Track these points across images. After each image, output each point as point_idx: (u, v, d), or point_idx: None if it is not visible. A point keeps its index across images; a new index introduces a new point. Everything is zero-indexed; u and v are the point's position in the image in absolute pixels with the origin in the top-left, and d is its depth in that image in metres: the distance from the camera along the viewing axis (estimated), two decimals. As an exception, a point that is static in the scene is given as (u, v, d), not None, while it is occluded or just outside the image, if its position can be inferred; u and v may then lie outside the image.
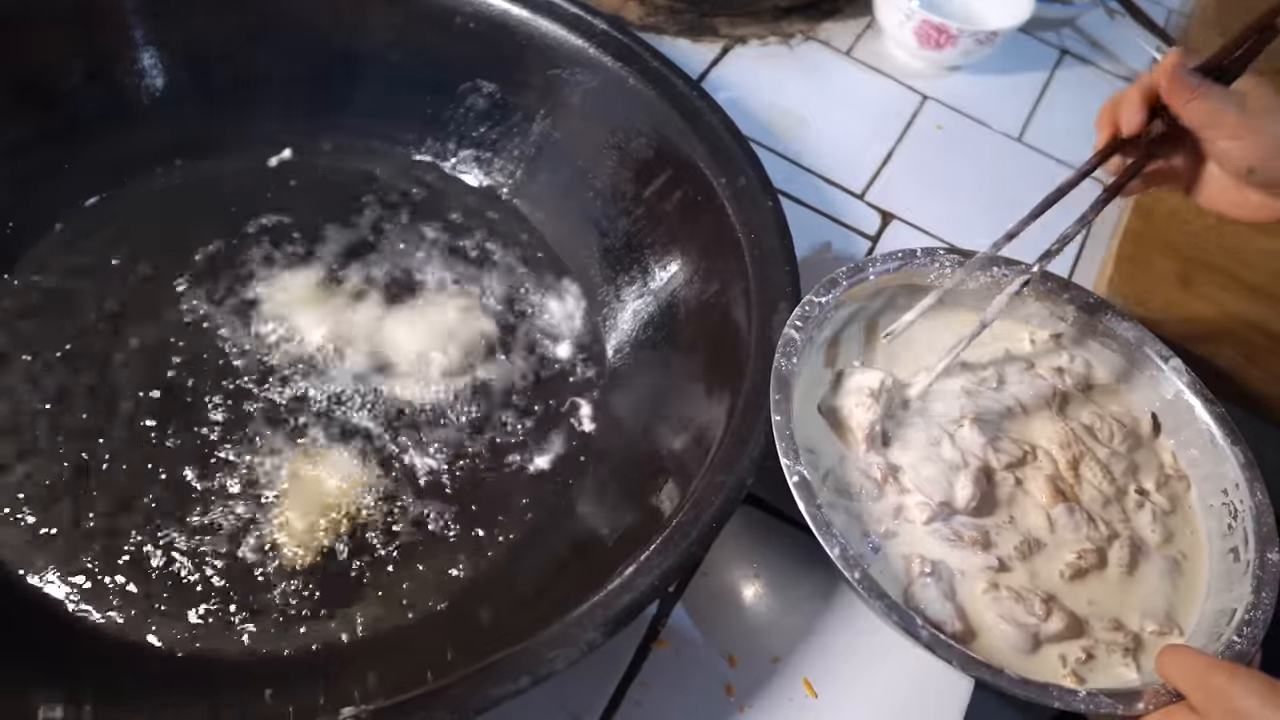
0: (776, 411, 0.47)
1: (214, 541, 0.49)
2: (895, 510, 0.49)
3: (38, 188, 0.59)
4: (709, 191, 0.57)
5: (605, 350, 0.61)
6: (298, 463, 0.52)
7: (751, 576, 0.53)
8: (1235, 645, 0.45)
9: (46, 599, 0.46)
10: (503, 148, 0.67)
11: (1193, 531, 0.52)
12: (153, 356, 0.55)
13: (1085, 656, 0.46)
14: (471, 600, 0.49)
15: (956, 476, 0.50)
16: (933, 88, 0.84)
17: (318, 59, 0.65)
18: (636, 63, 0.62)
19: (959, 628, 0.45)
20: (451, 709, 0.36)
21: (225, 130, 0.64)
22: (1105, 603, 0.48)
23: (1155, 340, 0.56)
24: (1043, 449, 0.53)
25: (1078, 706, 0.42)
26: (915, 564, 0.47)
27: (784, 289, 0.52)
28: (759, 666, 0.50)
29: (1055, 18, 0.95)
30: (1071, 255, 0.75)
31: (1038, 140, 0.83)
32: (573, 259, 0.64)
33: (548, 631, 0.39)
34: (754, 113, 0.76)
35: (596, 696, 0.47)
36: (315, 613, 0.48)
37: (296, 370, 0.56)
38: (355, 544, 0.50)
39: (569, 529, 0.52)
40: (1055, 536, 0.50)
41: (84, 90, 0.60)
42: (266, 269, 0.60)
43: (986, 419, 0.53)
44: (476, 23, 0.64)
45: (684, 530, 0.43)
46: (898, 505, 0.49)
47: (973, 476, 0.50)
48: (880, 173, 0.76)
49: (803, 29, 0.86)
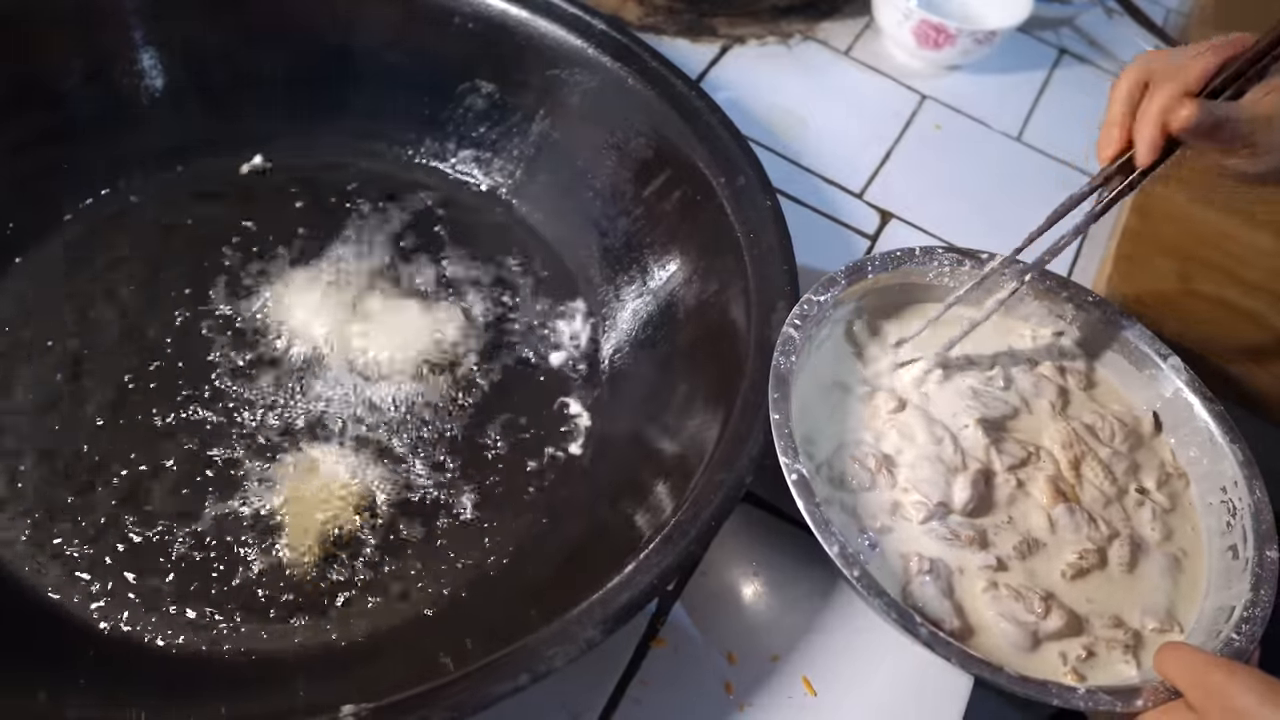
0: (775, 410, 0.47)
1: (213, 542, 0.49)
2: (892, 506, 0.49)
3: (37, 188, 0.59)
4: (708, 191, 0.57)
5: (604, 349, 0.61)
6: (296, 463, 0.52)
7: (750, 575, 0.53)
8: (1234, 642, 0.45)
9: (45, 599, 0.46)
10: (502, 148, 0.67)
11: (1193, 528, 0.52)
12: (150, 356, 0.55)
13: (1085, 654, 0.46)
14: (471, 599, 0.49)
15: (955, 479, 0.50)
16: (931, 87, 0.84)
17: (316, 60, 0.65)
18: (635, 63, 0.62)
19: (957, 625, 0.46)
20: (451, 706, 0.36)
21: (224, 131, 0.64)
22: (1105, 600, 0.48)
23: (1154, 339, 0.56)
24: (1045, 449, 0.53)
25: (1076, 704, 0.42)
26: (913, 562, 0.47)
27: (783, 288, 0.52)
28: (758, 665, 0.50)
29: (1054, 17, 0.95)
30: (1070, 254, 0.75)
31: (1036, 140, 0.83)
32: (572, 259, 0.64)
33: (547, 629, 0.39)
34: (753, 112, 0.76)
35: (596, 695, 0.47)
36: (315, 612, 0.48)
37: (294, 371, 0.56)
38: (354, 544, 0.50)
39: (568, 528, 0.52)
40: (1056, 537, 0.50)
41: (83, 90, 0.60)
42: (263, 270, 0.60)
43: (992, 420, 0.53)
44: (475, 23, 0.64)
45: (683, 528, 0.43)
46: (894, 502, 0.49)
47: (971, 479, 0.50)
48: (879, 172, 0.76)
49: (801, 29, 0.86)
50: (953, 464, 0.50)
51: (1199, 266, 0.72)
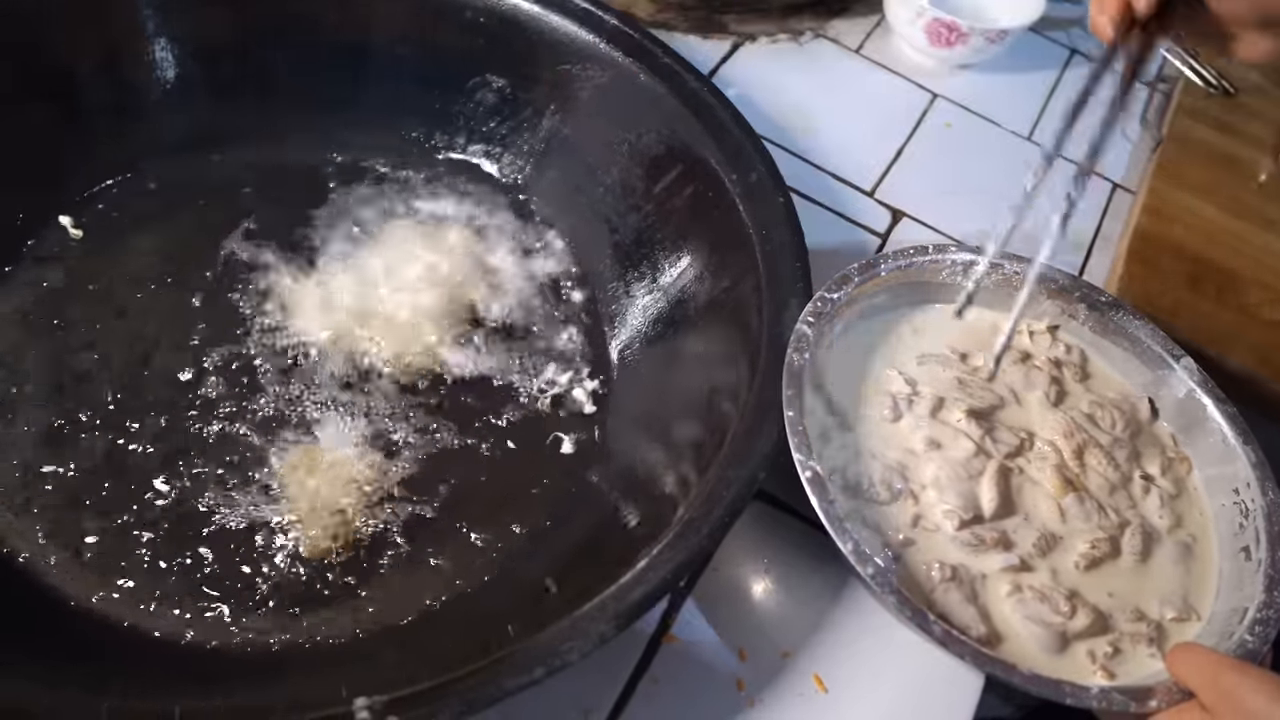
0: (789, 407, 0.47)
1: (222, 534, 0.49)
2: (913, 519, 0.49)
3: (46, 178, 0.59)
4: (720, 187, 0.57)
5: (615, 346, 0.61)
6: (307, 455, 0.52)
7: (762, 572, 0.53)
8: (1247, 644, 0.45)
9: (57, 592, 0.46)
10: (512, 143, 0.67)
11: (1200, 513, 0.52)
12: (159, 347, 0.55)
13: (1113, 651, 0.46)
14: (483, 593, 0.49)
15: (979, 484, 0.49)
16: (942, 86, 0.84)
17: (327, 53, 0.65)
18: (647, 59, 0.62)
19: (983, 631, 0.45)
20: (465, 700, 0.36)
21: (234, 123, 0.64)
22: (1125, 593, 0.48)
23: (1166, 339, 0.56)
24: (1045, 439, 0.53)
25: (1089, 704, 0.42)
26: (936, 570, 0.47)
27: (795, 285, 0.52)
28: (769, 661, 0.49)
29: (1065, 17, 0.94)
30: (1082, 254, 0.74)
31: (1047, 139, 0.82)
32: (582, 254, 0.64)
33: (561, 624, 0.39)
34: (763, 110, 0.76)
35: (607, 690, 0.47)
36: (327, 604, 0.48)
37: (303, 362, 0.56)
38: (365, 537, 0.50)
39: (580, 523, 0.52)
40: (1067, 527, 0.50)
41: (94, 81, 0.60)
42: (273, 262, 0.60)
43: (980, 410, 0.52)
44: (487, 17, 0.63)
45: (695, 525, 0.43)
46: (915, 514, 0.49)
47: (992, 479, 0.49)
48: (890, 170, 0.76)
49: (812, 26, 0.86)
50: (971, 468, 0.50)
51: (1210, 268, 0.71)
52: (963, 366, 0.54)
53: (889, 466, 0.50)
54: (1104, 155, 0.49)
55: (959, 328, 0.56)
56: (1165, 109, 0.87)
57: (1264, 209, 0.77)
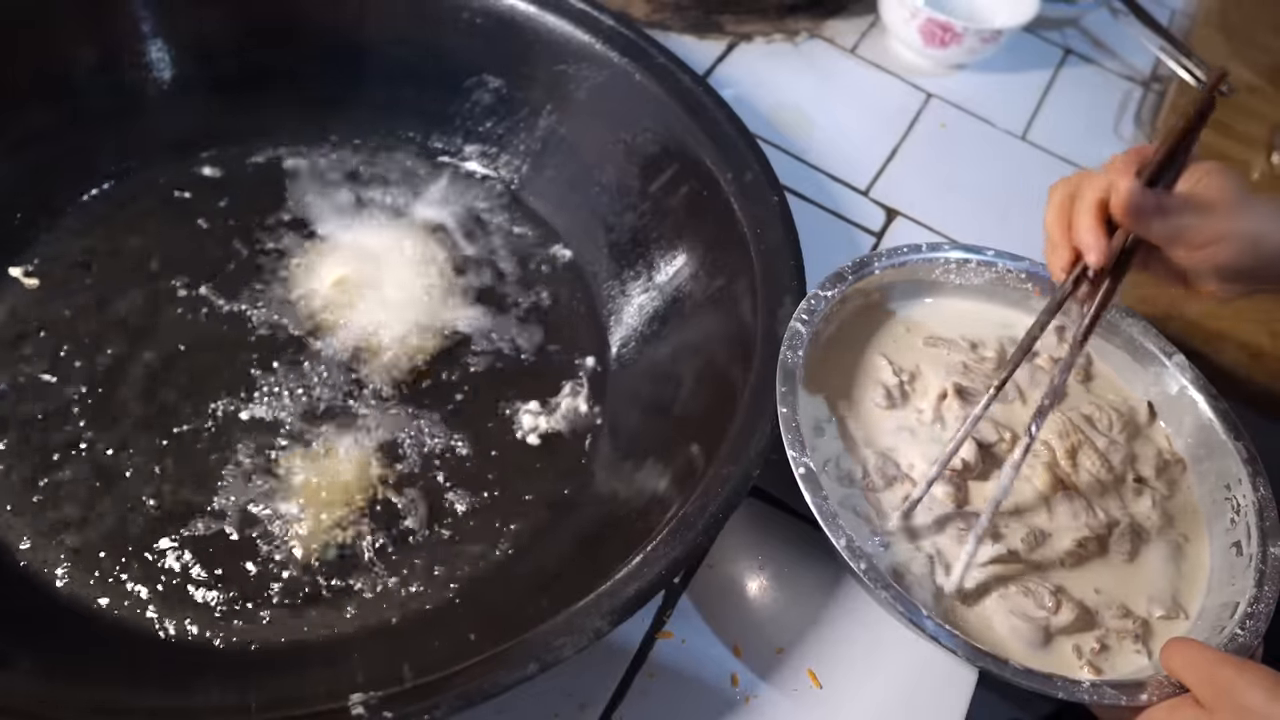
0: (782, 404, 0.47)
1: (220, 534, 0.49)
2: (902, 502, 0.49)
3: (46, 178, 0.59)
4: (715, 186, 0.58)
5: (610, 344, 0.61)
6: (307, 453, 0.52)
7: (756, 568, 0.53)
8: (1238, 638, 0.45)
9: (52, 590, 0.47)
10: (509, 142, 0.67)
11: (1193, 513, 0.52)
12: (158, 346, 0.55)
13: (1099, 647, 0.46)
14: (479, 590, 0.49)
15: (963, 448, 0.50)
16: (937, 85, 0.84)
17: (324, 53, 0.65)
18: (643, 59, 0.62)
19: (970, 624, 0.46)
20: (460, 694, 0.37)
21: (231, 123, 0.65)
22: (1111, 590, 0.48)
23: (1159, 336, 0.56)
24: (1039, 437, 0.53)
25: (1081, 698, 0.42)
26: (923, 558, 0.47)
27: (789, 283, 0.53)
28: (764, 657, 0.50)
29: (1059, 17, 0.95)
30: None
31: (1041, 139, 0.83)
32: (578, 253, 0.65)
33: (556, 619, 0.40)
34: (759, 110, 0.77)
35: (603, 685, 0.47)
36: (326, 601, 0.48)
37: (304, 361, 0.56)
38: (365, 533, 0.50)
39: (576, 519, 0.52)
40: (1055, 524, 0.50)
41: (91, 82, 0.60)
42: (272, 261, 0.60)
43: (970, 390, 0.53)
44: (483, 18, 0.64)
45: (690, 521, 0.44)
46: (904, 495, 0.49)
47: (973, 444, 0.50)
48: (884, 170, 0.76)
49: (807, 26, 0.86)
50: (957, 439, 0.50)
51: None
52: (971, 355, 0.55)
53: (881, 453, 0.50)
54: (1062, 398, 0.49)
55: (955, 320, 0.57)
56: (1159, 108, 0.88)
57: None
